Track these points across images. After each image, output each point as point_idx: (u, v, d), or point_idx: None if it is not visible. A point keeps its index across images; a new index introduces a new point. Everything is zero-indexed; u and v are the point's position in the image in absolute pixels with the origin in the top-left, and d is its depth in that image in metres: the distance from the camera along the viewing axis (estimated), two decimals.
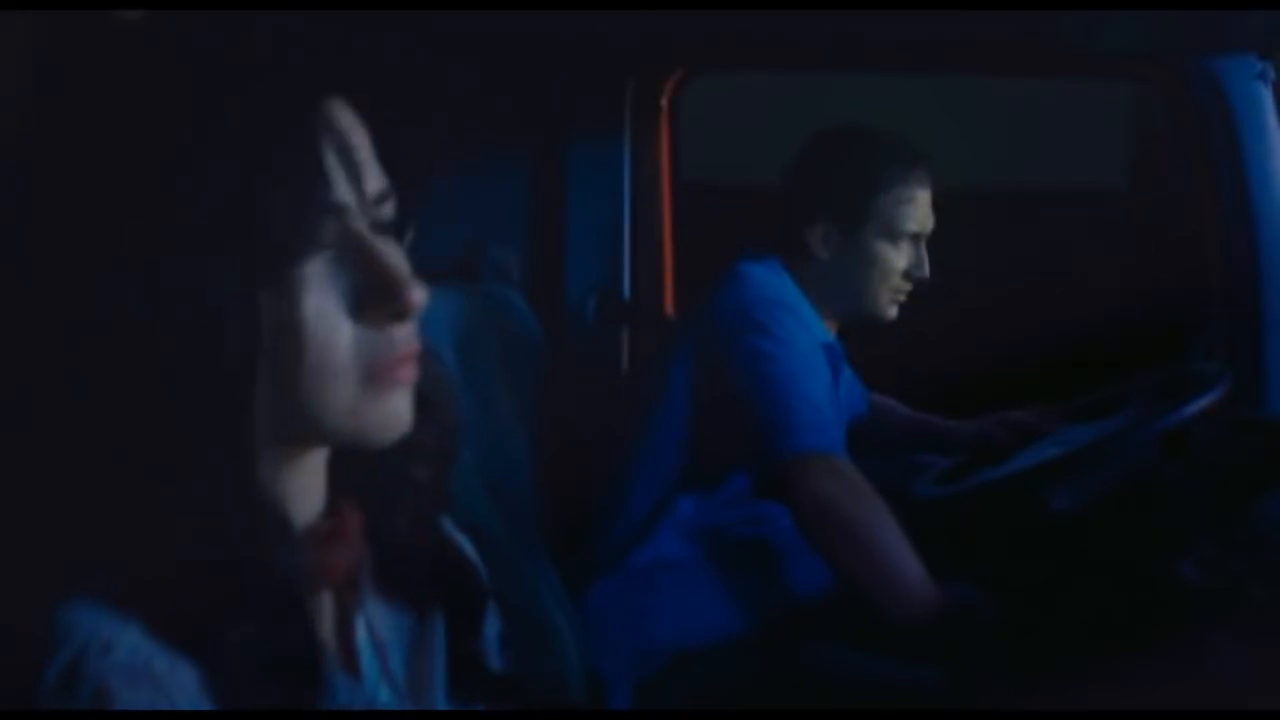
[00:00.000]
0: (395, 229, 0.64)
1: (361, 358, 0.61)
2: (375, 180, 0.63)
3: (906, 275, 1.69)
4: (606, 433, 1.69)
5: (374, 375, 0.62)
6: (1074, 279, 2.37)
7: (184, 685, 0.55)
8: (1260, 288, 1.71)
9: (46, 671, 0.52)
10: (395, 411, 0.64)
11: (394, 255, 0.62)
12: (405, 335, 0.63)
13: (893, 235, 1.67)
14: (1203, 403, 1.50)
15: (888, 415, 1.97)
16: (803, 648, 1.53)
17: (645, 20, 1.56)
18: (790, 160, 1.73)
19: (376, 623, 0.72)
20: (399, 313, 0.62)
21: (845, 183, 1.66)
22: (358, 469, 0.69)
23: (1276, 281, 1.71)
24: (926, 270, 1.69)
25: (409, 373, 0.64)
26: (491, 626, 0.80)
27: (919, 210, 1.68)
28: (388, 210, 0.64)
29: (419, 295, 0.62)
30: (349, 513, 0.69)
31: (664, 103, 2.01)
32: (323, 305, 0.60)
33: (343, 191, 0.61)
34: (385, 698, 0.69)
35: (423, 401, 0.66)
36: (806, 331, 1.59)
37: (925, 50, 1.81)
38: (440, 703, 0.74)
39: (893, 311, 1.71)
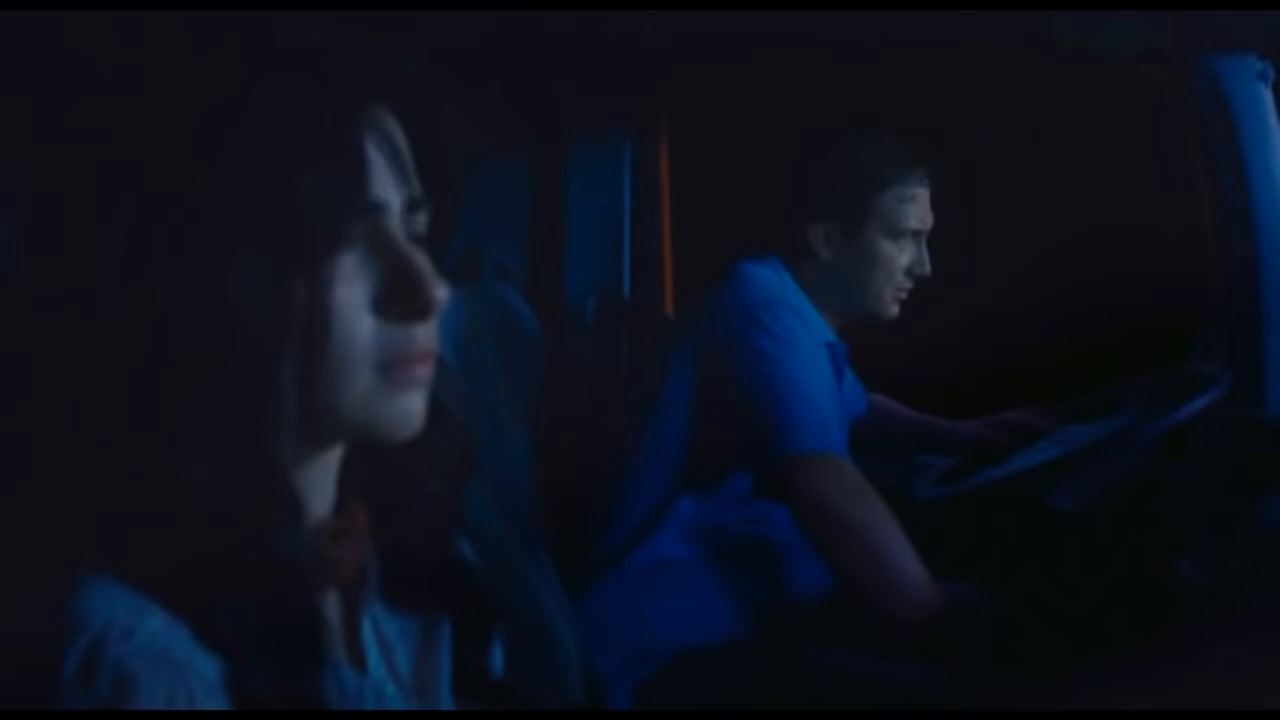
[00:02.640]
0: (427, 238, 0.66)
1: (380, 351, 0.63)
2: (414, 187, 0.65)
3: (908, 273, 1.69)
4: (606, 433, 1.69)
5: (391, 369, 0.63)
6: (1074, 279, 2.37)
7: (202, 674, 0.56)
8: (1260, 288, 1.71)
9: (67, 656, 0.53)
10: (409, 409, 0.65)
11: (420, 256, 0.64)
12: (424, 333, 0.64)
13: (894, 233, 1.67)
14: (1203, 403, 1.50)
15: (888, 415, 1.97)
16: (803, 648, 1.54)
17: (646, 20, 1.56)
18: (791, 160, 1.73)
19: (382, 622, 0.73)
20: (421, 309, 0.63)
21: (847, 182, 1.67)
22: (372, 478, 0.70)
23: (1276, 281, 1.70)
24: (927, 268, 1.70)
25: (425, 371, 0.65)
26: (496, 637, 0.80)
27: (920, 208, 1.69)
28: (421, 219, 0.66)
29: (441, 293, 0.64)
30: (357, 511, 0.70)
31: (664, 102, 2.01)
32: (349, 296, 0.61)
33: (382, 191, 0.63)
34: (392, 692, 0.70)
35: (439, 413, 0.67)
36: (808, 331, 1.59)
37: (925, 50, 1.81)
38: (446, 701, 0.75)
39: (894, 310, 1.71)
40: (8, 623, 0.54)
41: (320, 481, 0.67)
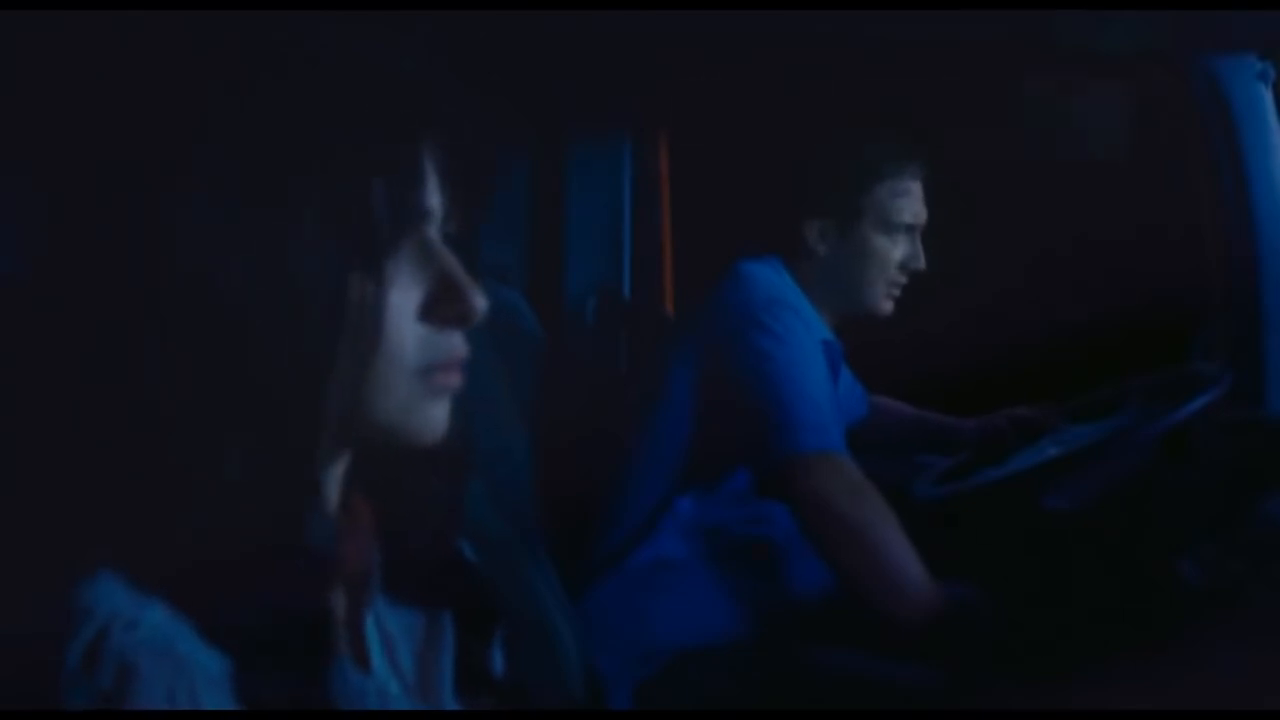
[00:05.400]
0: (455, 243, 0.66)
1: (421, 357, 0.63)
2: (447, 195, 0.66)
3: (902, 268, 1.69)
4: (606, 433, 1.69)
5: (428, 375, 0.64)
6: (1075, 278, 2.37)
7: (205, 669, 0.56)
8: (1260, 288, 1.71)
9: (70, 647, 0.53)
10: (436, 417, 0.66)
11: (459, 263, 0.65)
12: (459, 341, 0.65)
13: (888, 228, 1.67)
14: (1203, 403, 1.50)
15: (891, 414, 1.97)
16: (803, 648, 1.54)
17: (647, 20, 1.56)
18: (786, 157, 1.73)
19: (385, 619, 0.73)
20: (462, 316, 0.64)
21: (841, 177, 1.67)
22: (379, 479, 0.71)
23: (1276, 281, 1.71)
24: (922, 262, 1.70)
25: (456, 380, 0.66)
26: (497, 636, 0.80)
27: (913, 202, 1.69)
28: (451, 226, 0.66)
29: (482, 302, 0.64)
30: (362, 508, 0.70)
31: (664, 102, 2.01)
32: (400, 300, 0.62)
33: (431, 197, 0.64)
34: (395, 690, 0.70)
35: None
36: (808, 330, 1.59)
37: (925, 50, 1.81)
38: (448, 699, 0.75)
39: (888, 305, 1.71)
40: (11, 622, 0.54)
41: (330, 480, 0.67)
